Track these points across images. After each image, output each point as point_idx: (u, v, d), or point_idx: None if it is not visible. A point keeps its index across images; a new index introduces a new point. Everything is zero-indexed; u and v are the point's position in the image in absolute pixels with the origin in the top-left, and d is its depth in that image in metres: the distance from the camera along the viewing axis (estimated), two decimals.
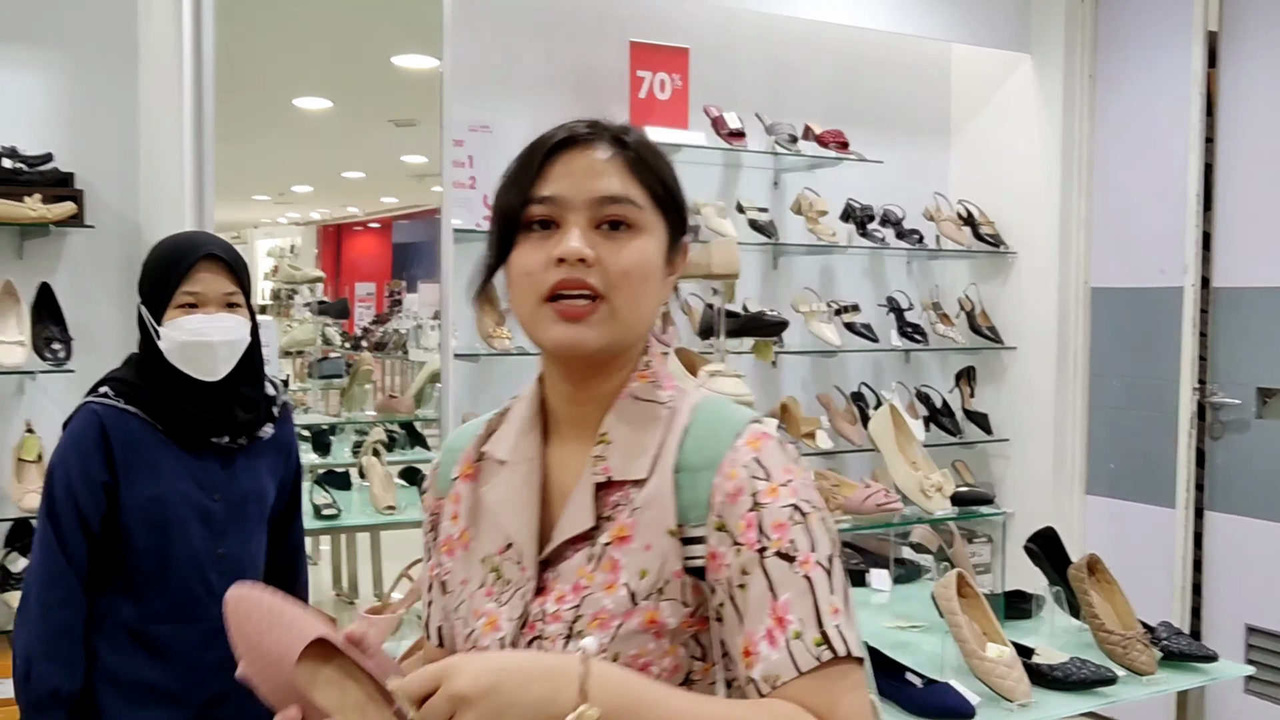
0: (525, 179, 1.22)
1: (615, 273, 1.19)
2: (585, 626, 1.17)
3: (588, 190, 1.20)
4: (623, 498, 1.21)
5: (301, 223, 6.19)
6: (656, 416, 1.24)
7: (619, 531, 1.20)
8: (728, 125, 4.20)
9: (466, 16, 3.64)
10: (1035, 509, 4.74)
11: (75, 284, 3.44)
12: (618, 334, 1.21)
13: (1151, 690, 2.75)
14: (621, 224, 1.21)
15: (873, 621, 3.15)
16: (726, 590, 1.17)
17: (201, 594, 2.19)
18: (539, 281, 1.19)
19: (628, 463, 1.22)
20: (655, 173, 1.24)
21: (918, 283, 5.00)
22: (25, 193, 3.22)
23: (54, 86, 3.44)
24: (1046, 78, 4.78)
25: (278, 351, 3.70)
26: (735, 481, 1.18)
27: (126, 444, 2.15)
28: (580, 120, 1.26)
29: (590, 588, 1.19)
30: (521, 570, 1.23)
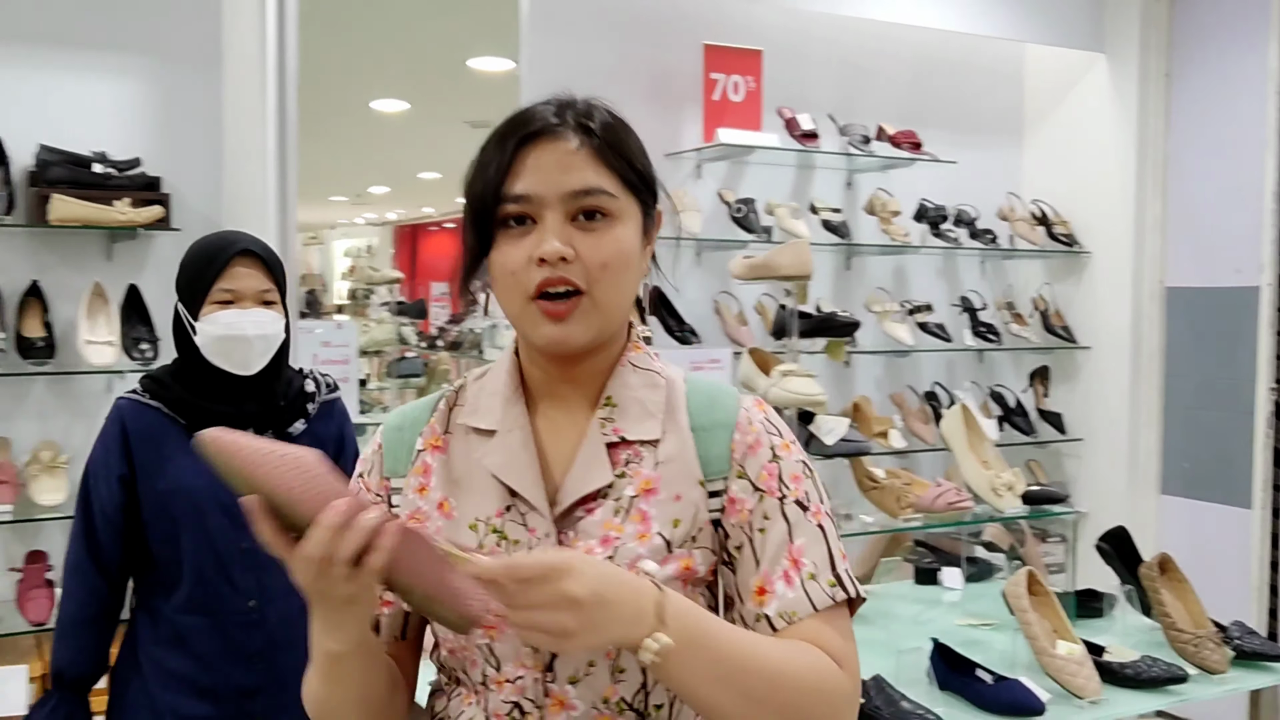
0: (496, 172, 1.23)
1: (594, 266, 1.22)
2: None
3: (561, 184, 1.22)
4: (633, 455, 1.28)
5: (378, 223, 6.28)
6: (655, 384, 1.32)
7: (645, 485, 1.26)
8: (801, 127, 4.21)
9: (542, 20, 3.69)
10: (1109, 509, 4.70)
11: (162, 285, 3.52)
12: (602, 324, 1.25)
13: (1223, 689, 2.74)
14: (597, 213, 1.23)
15: (945, 619, 3.17)
16: (745, 533, 1.27)
17: (223, 587, 2.23)
18: (523, 281, 1.22)
19: (638, 424, 1.29)
20: (625, 157, 1.26)
21: (991, 283, 4.97)
22: (115, 197, 3.30)
23: (142, 93, 3.53)
24: (1121, 77, 4.73)
25: (356, 351, 3.77)
26: (754, 435, 1.30)
27: (145, 438, 2.22)
28: (547, 104, 1.27)
29: (621, 538, 1.24)
30: (529, 530, 1.25)
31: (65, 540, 3.36)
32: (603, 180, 1.23)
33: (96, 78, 3.47)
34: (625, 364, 1.33)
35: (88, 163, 3.36)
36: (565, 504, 1.26)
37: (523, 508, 1.26)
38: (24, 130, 3.33)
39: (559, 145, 1.23)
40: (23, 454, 3.32)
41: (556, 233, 1.21)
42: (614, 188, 1.24)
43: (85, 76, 3.46)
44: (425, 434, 1.35)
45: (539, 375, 1.32)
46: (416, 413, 1.38)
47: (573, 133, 1.24)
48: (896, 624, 3.13)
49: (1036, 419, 4.86)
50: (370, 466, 1.38)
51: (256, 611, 2.24)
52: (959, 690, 2.59)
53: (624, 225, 1.25)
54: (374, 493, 1.36)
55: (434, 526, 1.29)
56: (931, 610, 3.29)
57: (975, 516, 2.93)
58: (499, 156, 1.24)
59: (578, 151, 1.23)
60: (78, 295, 3.37)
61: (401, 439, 1.36)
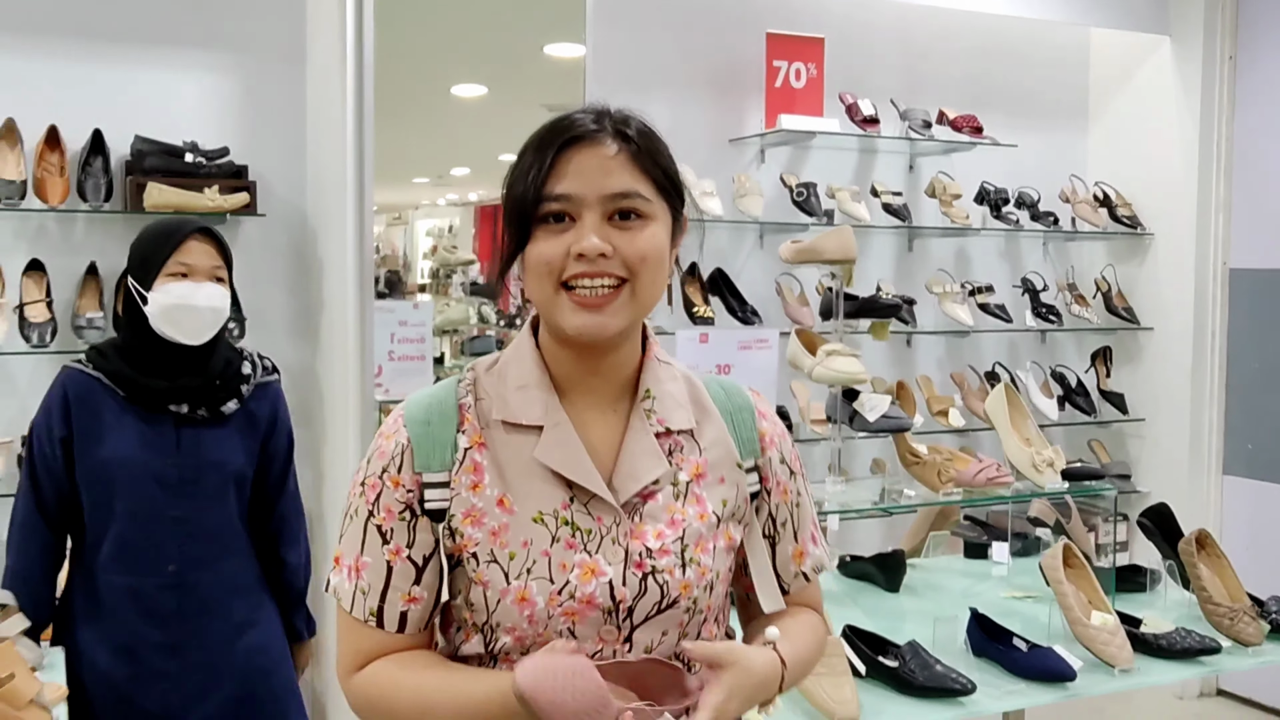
0: (538, 174, 1.30)
1: (635, 259, 1.30)
2: (693, 554, 1.36)
3: (600, 187, 1.30)
4: (674, 444, 1.40)
5: (460, 204, 6.47)
6: (676, 376, 1.44)
7: (696, 470, 1.40)
8: (862, 112, 4.30)
9: (608, 9, 3.81)
10: (1171, 489, 4.74)
11: (248, 268, 3.72)
12: (636, 315, 1.34)
13: (1257, 661, 2.81)
14: (632, 214, 1.32)
15: (992, 592, 3.26)
16: (789, 509, 1.51)
17: (147, 550, 2.39)
18: (557, 270, 1.30)
19: (674, 414, 1.40)
20: (658, 164, 1.34)
21: (1054, 264, 5.02)
22: (205, 184, 3.50)
23: (230, 87, 3.74)
24: (1186, 59, 4.75)
25: (431, 330, 3.94)
26: (776, 424, 1.51)
27: (84, 405, 2.37)
28: (585, 111, 1.34)
29: (685, 519, 1.37)
30: (596, 519, 1.33)
31: None
32: (639, 184, 1.32)
33: (188, 73, 3.69)
34: (653, 359, 1.42)
35: (180, 152, 3.56)
36: (629, 493, 1.35)
37: (584, 498, 1.33)
38: (122, 122, 3.54)
39: (599, 150, 1.31)
40: None
41: (595, 230, 1.29)
42: (648, 191, 1.32)
43: (178, 72, 3.67)
44: (468, 431, 1.37)
45: (564, 368, 1.38)
46: (439, 406, 1.39)
47: (611, 139, 1.32)
48: (943, 596, 3.23)
49: (1098, 399, 4.91)
50: (398, 463, 1.36)
51: (176, 576, 2.40)
52: (994, 657, 2.70)
53: (656, 225, 1.33)
54: (405, 488, 1.36)
55: (497, 523, 1.33)
56: (980, 584, 3.38)
57: (1017, 492, 3.02)
58: (540, 160, 1.31)
59: (616, 156, 1.31)
60: None
61: (431, 434, 1.36)
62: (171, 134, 3.58)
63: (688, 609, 1.35)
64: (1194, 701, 4.77)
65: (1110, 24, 4.79)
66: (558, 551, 1.32)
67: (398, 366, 3.81)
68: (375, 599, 1.36)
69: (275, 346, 3.77)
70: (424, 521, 1.36)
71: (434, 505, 1.35)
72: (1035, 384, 4.74)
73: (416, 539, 1.36)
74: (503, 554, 1.32)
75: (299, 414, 3.78)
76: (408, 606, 1.36)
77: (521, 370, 1.38)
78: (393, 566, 1.36)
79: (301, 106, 3.78)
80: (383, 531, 1.36)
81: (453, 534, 1.35)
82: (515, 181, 1.33)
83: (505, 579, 1.31)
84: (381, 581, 1.36)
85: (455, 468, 1.35)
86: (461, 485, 1.34)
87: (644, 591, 1.32)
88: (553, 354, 1.38)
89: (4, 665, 2.01)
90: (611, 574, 1.32)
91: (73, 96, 3.52)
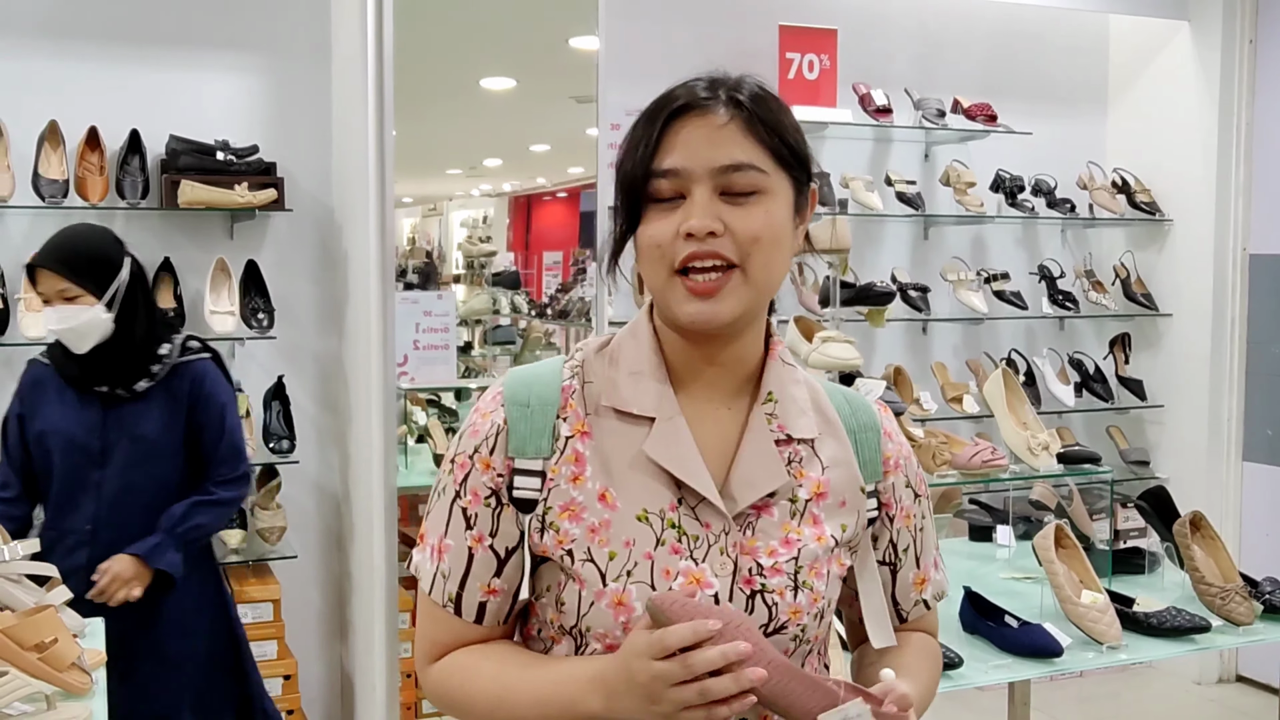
0: (646, 148, 1.21)
1: (746, 239, 1.19)
2: (806, 577, 1.25)
3: (709, 160, 1.19)
4: (794, 454, 1.28)
5: (493, 194, 6.59)
6: (799, 380, 1.33)
7: (816, 488, 1.28)
8: (875, 102, 4.38)
9: (622, 3, 3.91)
10: (1190, 475, 4.79)
11: (277, 261, 3.89)
12: (751, 301, 1.22)
13: (1247, 639, 2.87)
14: (748, 189, 1.20)
15: (994, 574, 3.34)
16: (912, 535, 1.41)
17: (71, 511, 2.82)
18: (668, 254, 1.20)
19: (796, 421, 1.29)
20: (776, 131, 1.22)
21: (1073, 251, 5.06)
22: (235, 181, 3.65)
23: (259, 86, 3.89)
24: (1205, 44, 4.77)
25: (455, 320, 4.07)
26: (903, 445, 1.41)
27: (34, 388, 2.87)
28: (698, 79, 1.24)
29: (801, 540, 1.25)
30: (704, 525, 1.23)
31: None
32: (752, 155, 1.20)
33: (219, 74, 3.84)
34: (777, 359, 1.31)
35: (212, 151, 3.71)
36: (744, 503, 1.24)
37: (692, 501, 1.23)
38: (157, 122, 3.70)
39: (708, 120, 1.20)
40: None
41: (705, 207, 1.18)
42: (764, 163, 1.21)
43: (210, 73, 3.83)
44: (570, 419, 1.27)
45: (681, 357, 1.28)
46: (541, 388, 1.29)
47: (723, 107, 1.21)
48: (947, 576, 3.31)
49: (1117, 386, 4.95)
50: (491, 443, 1.27)
51: (89, 534, 2.80)
52: (984, 634, 2.78)
53: (775, 200, 1.22)
54: (495, 471, 1.27)
55: (597, 519, 1.23)
56: (984, 566, 3.45)
57: (1015, 475, 3.10)
58: (648, 133, 1.21)
59: (726, 125, 1.20)
60: (203, 270, 3.74)
61: (529, 417, 1.27)
62: (204, 133, 3.74)
63: (795, 636, 1.24)
64: (1212, 687, 4.81)
65: (1129, 10, 4.82)
66: (661, 556, 1.21)
67: (423, 355, 3.95)
68: (455, 585, 1.28)
69: (303, 336, 3.95)
70: (509, 511, 1.27)
71: (523, 494, 1.26)
72: (1052, 370, 4.79)
73: (500, 528, 1.27)
74: (601, 553, 1.22)
75: (325, 400, 3.96)
76: (487, 598, 1.28)
77: (637, 355, 1.28)
78: (474, 554, 1.27)
79: (327, 105, 3.92)
80: (467, 515, 1.28)
81: (544, 529, 1.25)
82: (624, 159, 1.24)
83: (602, 580, 1.21)
84: (462, 568, 1.28)
85: (555, 457, 1.26)
86: (561, 477, 1.25)
87: (750, 611, 1.22)
88: (669, 341, 1.28)
89: (48, 631, 2.17)
90: (718, 587, 1.21)
91: (111, 99, 3.70)
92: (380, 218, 3.50)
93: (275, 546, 3.74)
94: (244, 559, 3.73)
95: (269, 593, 3.64)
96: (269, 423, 3.80)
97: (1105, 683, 4.74)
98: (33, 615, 2.20)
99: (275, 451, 3.75)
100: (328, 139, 3.94)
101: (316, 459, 3.98)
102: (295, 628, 3.85)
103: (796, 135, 1.25)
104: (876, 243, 4.67)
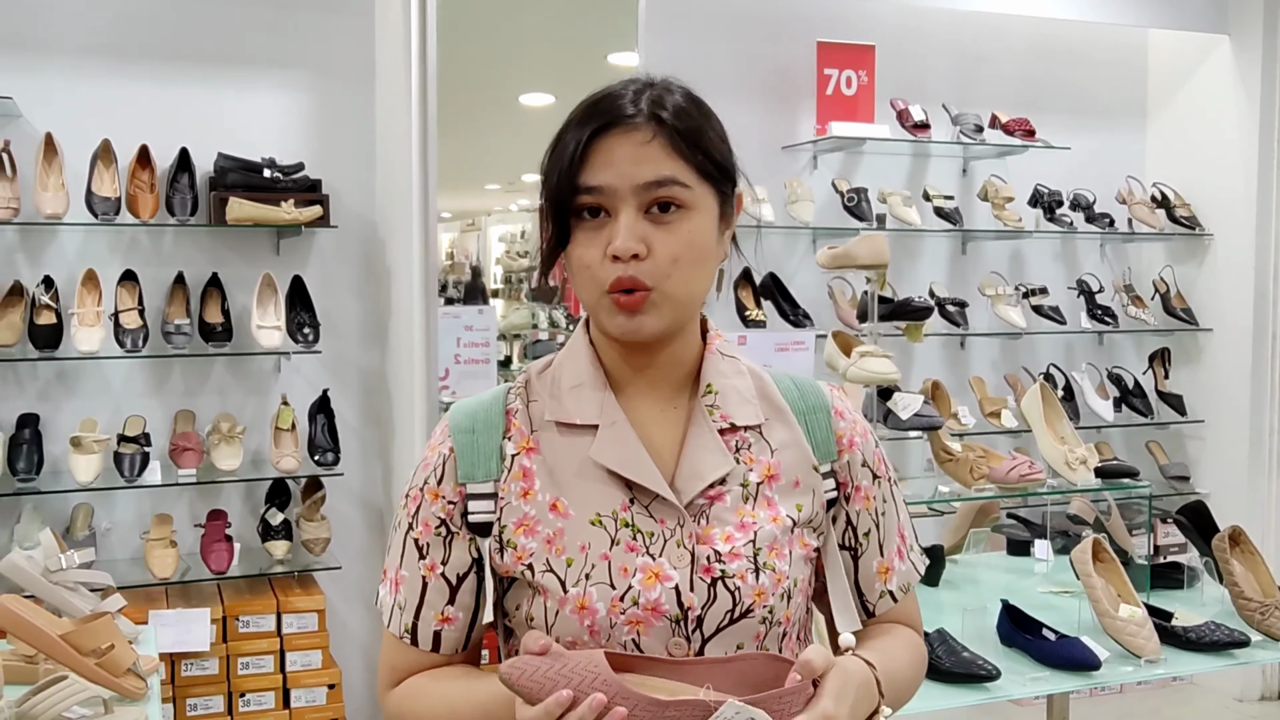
0: (570, 164, 1.22)
1: (666, 261, 1.21)
2: (767, 558, 1.25)
3: (633, 177, 1.21)
4: (741, 441, 1.30)
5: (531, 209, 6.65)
6: (741, 370, 1.34)
7: (767, 471, 1.30)
8: (912, 118, 4.40)
9: (660, 19, 3.95)
10: (1231, 490, 4.77)
11: (322, 276, 3.96)
12: (674, 315, 1.25)
13: None
14: (671, 204, 1.22)
15: (1032, 588, 3.35)
16: (873, 518, 1.38)
17: None
18: (598, 275, 1.22)
19: (739, 409, 1.31)
20: (699, 146, 1.24)
21: (1111, 266, 5.06)
22: (282, 198, 3.71)
23: (305, 105, 3.96)
24: (1245, 58, 4.76)
25: (495, 335, 4.12)
26: (855, 420, 1.39)
27: None
28: (624, 88, 1.25)
29: (757, 523, 1.26)
30: (659, 521, 1.25)
31: (242, 502, 3.86)
32: (676, 170, 1.22)
33: (266, 92, 3.92)
34: (714, 351, 1.34)
35: (259, 168, 3.78)
36: (692, 493, 1.26)
37: (645, 499, 1.25)
38: (205, 141, 3.78)
39: (632, 136, 1.21)
40: (205, 425, 3.78)
41: (629, 228, 1.20)
42: (688, 178, 1.22)
43: (257, 92, 3.91)
44: (514, 437, 1.30)
45: (619, 365, 1.31)
46: (485, 414, 1.32)
47: (646, 122, 1.22)
48: (982, 590, 3.32)
49: (1156, 401, 4.94)
50: (439, 474, 1.31)
51: None
52: (1022, 646, 2.80)
53: (699, 215, 1.24)
54: (447, 500, 1.30)
55: (551, 529, 1.26)
56: (1022, 580, 3.46)
57: (1052, 489, 3.11)
58: (573, 145, 1.22)
59: (650, 142, 1.21)
60: (250, 286, 3.80)
61: (475, 442, 1.30)
62: (251, 151, 3.80)
63: (763, 619, 1.25)
64: (1254, 704, 4.77)
65: (1168, 24, 4.82)
66: (618, 555, 1.23)
67: (464, 369, 4.00)
68: (410, 615, 1.32)
69: (347, 350, 4.01)
70: (462, 539, 1.30)
71: (479, 518, 1.29)
72: (1091, 385, 4.79)
73: (452, 556, 1.30)
74: (559, 561, 1.24)
75: (369, 414, 4.02)
76: (441, 626, 1.31)
77: (576, 369, 1.31)
78: (427, 583, 1.31)
79: (371, 123, 3.99)
80: (419, 546, 1.31)
81: (503, 548, 1.27)
82: (550, 169, 1.25)
83: (562, 587, 1.23)
84: (416, 598, 1.31)
85: (504, 476, 1.29)
86: (511, 494, 1.28)
87: (713, 598, 1.23)
88: (606, 351, 1.31)
89: (105, 637, 2.23)
90: (677, 579, 1.23)
91: (162, 118, 3.78)
92: (423, 234, 3.56)
93: (320, 557, 3.79)
94: (289, 570, 3.78)
95: (314, 603, 3.69)
96: (314, 435, 3.86)
97: (1146, 699, 4.72)
98: (90, 622, 2.26)
99: (320, 464, 3.81)
100: (372, 156, 4.00)
101: (360, 471, 4.04)
102: (339, 637, 3.91)
103: (721, 146, 1.28)
104: (915, 258, 4.69)
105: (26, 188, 3.56)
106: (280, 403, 3.85)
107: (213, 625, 3.50)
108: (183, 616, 3.45)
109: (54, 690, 2.06)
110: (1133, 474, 3.16)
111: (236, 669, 3.57)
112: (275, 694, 3.60)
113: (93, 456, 3.50)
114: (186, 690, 3.49)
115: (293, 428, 3.80)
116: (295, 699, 3.62)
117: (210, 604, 3.57)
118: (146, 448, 3.62)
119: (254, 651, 3.59)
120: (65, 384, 3.72)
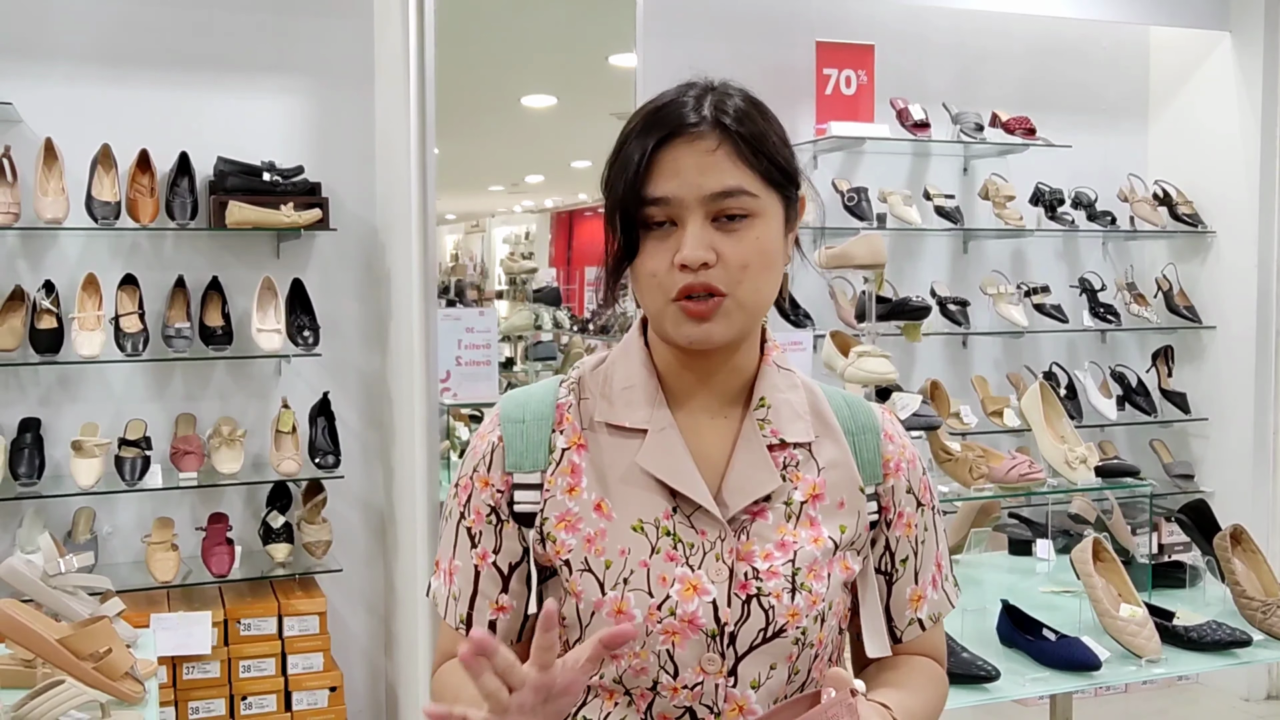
0: (635, 175, 1.21)
1: (736, 267, 1.20)
2: (804, 579, 1.24)
3: (700, 188, 1.20)
4: (789, 458, 1.29)
5: (535, 210, 6.66)
6: (795, 384, 1.33)
7: (812, 490, 1.28)
8: (912, 117, 4.39)
9: (659, 21, 3.95)
10: (1235, 488, 4.76)
11: (322, 279, 3.96)
12: (744, 323, 1.24)
13: None
14: (738, 214, 1.21)
15: (1033, 588, 3.34)
16: (912, 546, 1.36)
17: None
18: (665, 284, 1.21)
19: (791, 425, 1.29)
20: (764, 152, 1.23)
21: (1114, 264, 5.05)
22: (281, 201, 3.72)
23: (304, 108, 3.97)
24: (1247, 55, 4.75)
25: (496, 336, 4.12)
26: (904, 445, 1.37)
27: None
28: (685, 93, 1.24)
29: (798, 543, 1.25)
30: (699, 533, 1.24)
31: (243, 505, 3.87)
32: (743, 180, 1.21)
33: (265, 96, 3.93)
34: (770, 363, 1.32)
35: (259, 172, 3.78)
36: (736, 508, 1.25)
37: (687, 509, 1.24)
38: (205, 145, 3.79)
39: (697, 145, 1.21)
40: (206, 428, 3.79)
41: (697, 237, 1.19)
42: (754, 186, 1.22)
43: (256, 95, 3.91)
44: (566, 432, 1.30)
45: (675, 371, 1.30)
46: (535, 405, 1.32)
47: (710, 129, 1.21)
48: (983, 590, 3.31)
49: (1159, 399, 4.93)
50: (488, 461, 1.31)
51: None
52: (1022, 647, 2.78)
53: (765, 222, 1.23)
54: (496, 489, 1.30)
55: (593, 529, 1.25)
56: (1024, 580, 3.45)
57: (1053, 488, 3.10)
58: (638, 156, 1.21)
59: (716, 151, 1.20)
60: (250, 289, 3.81)
61: (524, 432, 1.30)
62: (251, 154, 3.81)
63: (796, 640, 1.24)
64: (1260, 704, 4.76)
65: (1169, 22, 4.81)
66: (657, 563, 1.23)
67: (465, 371, 4.00)
68: (464, 605, 1.31)
69: (347, 353, 4.02)
70: (511, 527, 1.30)
71: (524, 508, 1.29)
72: (1094, 384, 4.78)
73: (503, 545, 1.30)
74: (598, 562, 1.24)
75: (369, 416, 4.02)
76: (496, 615, 1.31)
77: (629, 371, 1.31)
78: (480, 572, 1.30)
79: (370, 126, 3.99)
80: (471, 534, 1.31)
81: (544, 540, 1.27)
82: (614, 179, 1.25)
83: (600, 589, 1.23)
84: (470, 587, 1.31)
85: (551, 469, 1.28)
86: (557, 488, 1.28)
87: (747, 616, 1.22)
88: (662, 355, 1.31)
89: (103, 641, 2.24)
90: (715, 593, 1.23)
91: (161, 122, 3.79)
92: (422, 236, 3.55)
93: (321, 560, 3.79)
94: (291, 572, 3.78)
95: (315, 605, 3.70)
96: (314, 438, 3.87)
97: (1151, 699, 4.70)
98: (88, 626, 2.26)
99: (321, 467, 3.81)
100: (371, 159, 4.01)
101: (361, 474, 4.04)
102: (341, 640, 3.92)
103: (784, 150, 1.26)
104: (916, 257, 4.68)
105: (27, 193, 3.57)
106: (281, 406, 3.85)
107: (214, 628, 3.51)
108: (184, 620, 3.45)
109: (51, 695, 2.06)
110: (1134, 473, 3.15)
111: (238, 672, 3.58)
112: (277, 697, 3.61)
113: (94, 460, 3.51)
114: (188, 693, 3.50)
115: (293, 431, 3.80)
116: (297, 702, 3.63)
117: (212, 607, 3.58)
118: (147, 451, 3.63)
119: (255, 654, 3.60)
120: (66, 388, 3.73)
